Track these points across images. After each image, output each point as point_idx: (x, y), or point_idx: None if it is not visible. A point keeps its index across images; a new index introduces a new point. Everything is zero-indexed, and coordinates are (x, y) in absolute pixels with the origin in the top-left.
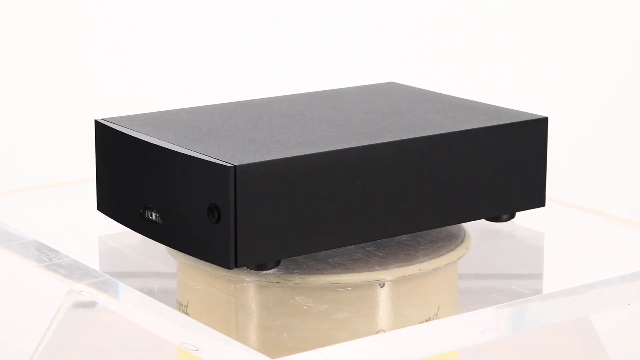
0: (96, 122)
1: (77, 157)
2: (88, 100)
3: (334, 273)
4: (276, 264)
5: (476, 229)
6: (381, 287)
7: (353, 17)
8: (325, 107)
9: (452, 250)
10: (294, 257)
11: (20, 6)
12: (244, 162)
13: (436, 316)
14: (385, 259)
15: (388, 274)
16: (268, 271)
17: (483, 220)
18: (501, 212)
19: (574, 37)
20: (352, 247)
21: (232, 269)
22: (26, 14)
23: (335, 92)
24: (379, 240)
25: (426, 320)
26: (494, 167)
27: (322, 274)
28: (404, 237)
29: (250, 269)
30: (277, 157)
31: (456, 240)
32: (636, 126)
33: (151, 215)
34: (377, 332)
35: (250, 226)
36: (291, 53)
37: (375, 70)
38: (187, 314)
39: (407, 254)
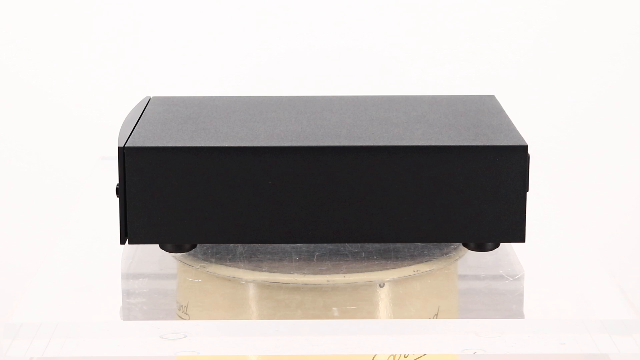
0: (149, 99)
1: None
2: (87, 99)
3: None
4: (191, 246)
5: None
6: (381, 287)
7: (354, 17)
8: (352, 111)
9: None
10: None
11: (20, 6)
12: (133, 145)
13: (436, 317)
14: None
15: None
16: (264, 271)
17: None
18: (464, 240)
19: (575, 37)
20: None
21: (124, 244)
22: (26, 14)
23: (405, 98)
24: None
25: None
26: (452, 189)
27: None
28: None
29: (168, 250)
30: (173, 145)
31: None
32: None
33: (116, 192)
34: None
35: (140, 206)
36: (291, 53)
37: (376, 70)
38: (187, 314)
39: (340, 265)
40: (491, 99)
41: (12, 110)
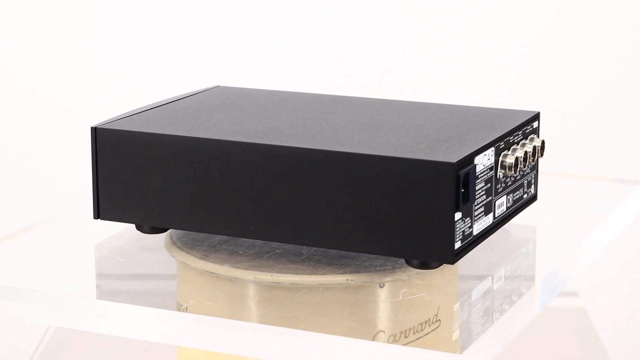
0: (215, 87)
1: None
2: (85, 99)
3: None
4: (163, 229)
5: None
6: (381, 287)
7: (354, 17)
8: (359, 113)
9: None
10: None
11: (21, 7)
12: (103, 127)
13: (436, 317)
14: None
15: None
16: (264, 272)
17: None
18: (391, 254)
19: (579, 39)
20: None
21: (97, 219)
22: (28, 15)
23: (440, 106)
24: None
25: (426, 322)
26: (382, 201)
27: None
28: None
29: (144, 232)
30: (141, 130)
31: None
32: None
33: None
34: (376, 333)
35: (109, 185)
36: (292, 53)
37: (376, 70)
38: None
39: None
40: (522, 114)
41: (14, 109)
